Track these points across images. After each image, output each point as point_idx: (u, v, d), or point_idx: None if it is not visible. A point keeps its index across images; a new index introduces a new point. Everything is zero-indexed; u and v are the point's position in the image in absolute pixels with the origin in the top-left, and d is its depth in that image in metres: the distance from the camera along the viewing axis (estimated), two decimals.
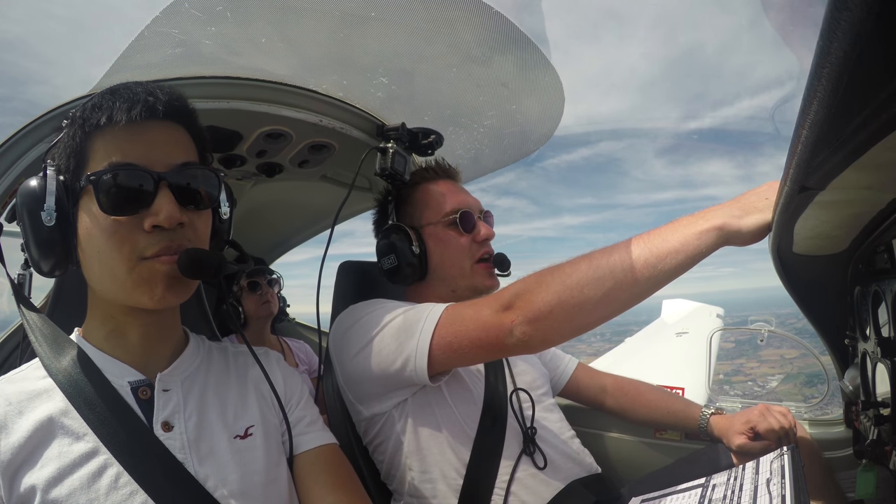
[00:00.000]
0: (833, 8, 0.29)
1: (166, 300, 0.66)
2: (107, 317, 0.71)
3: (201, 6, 0.90)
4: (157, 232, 0.64)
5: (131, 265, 0.64)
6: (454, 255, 1.17)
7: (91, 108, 0.65)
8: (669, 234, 0.77)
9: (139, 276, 0.64)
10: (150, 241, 0.64)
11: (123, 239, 0.64)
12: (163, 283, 0.65)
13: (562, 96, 1.28)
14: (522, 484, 1.04)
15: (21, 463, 0.61)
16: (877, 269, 0.81)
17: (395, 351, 0.96)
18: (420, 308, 0.99)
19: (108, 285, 0.67)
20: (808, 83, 0.37)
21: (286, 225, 2.16)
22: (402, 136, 1.25)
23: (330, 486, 0.77)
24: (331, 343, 1.12)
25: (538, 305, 0.81)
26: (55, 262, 0.67)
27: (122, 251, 0.64)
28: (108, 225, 0.63)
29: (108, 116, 0.64)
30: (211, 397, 0.75)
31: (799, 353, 17.31)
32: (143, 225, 0.64)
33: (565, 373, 1.40)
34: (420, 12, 0.99)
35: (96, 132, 0.65)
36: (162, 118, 0.67)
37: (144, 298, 0.66)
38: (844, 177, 0.48)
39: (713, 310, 4.32)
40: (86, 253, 0.66)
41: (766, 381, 16.12)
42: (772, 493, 0.70)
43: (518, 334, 0.83)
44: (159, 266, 0.65)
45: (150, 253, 0.64)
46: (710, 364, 1.97)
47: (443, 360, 0.94)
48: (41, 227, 0.64)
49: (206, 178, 0.70)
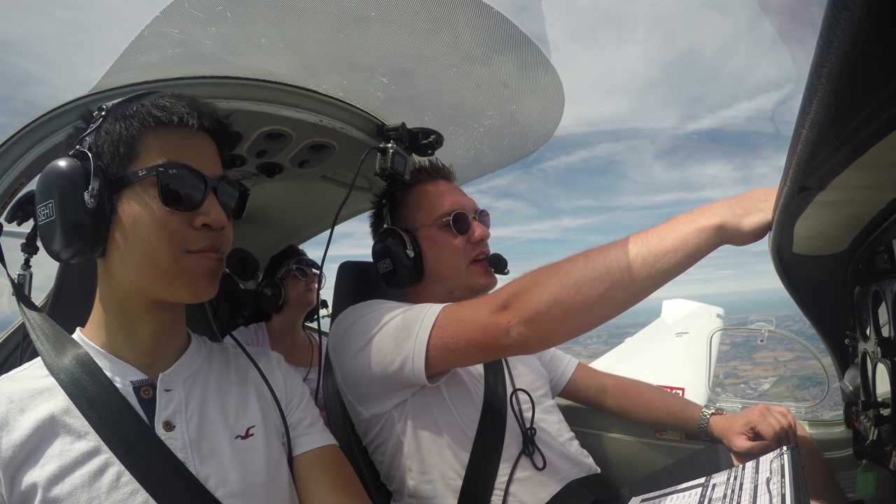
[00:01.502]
0: (833, 7, 0.29)
1: (206, 293, 0.71)
2: (120, 312, 0.71)
3: (201, 6, 0.90)
4: (204, 230, 0.69)
5: (177, 256, 0.67)
6: (449, 257, 1.17)
7: (154, 107, 0.68)
8: (668, 233, 0.76)
9: (182, 268, 0.68)
10: (198, 237, 0.69)
11: (174, 231, 0.67)
12: (206, 277, 0.70)
13: (562, 96, 1.28)
14: (521, 485, 1.04)
15: (22, 461, 0.61)
16: (877, 269, 0.81)
17: (393, 352, 0.96)
18: (417, 309, 0.99)
19: (143, 275, 0.68)
20: (808, 83, 0.37)
21: (286, 225, 2.16)
22: (402, 136, 1.25)
23: (330, 487, 0.77)
24: (330, 343, 1.12)
25: (535, 306, 0.80)
26: (81, 247, 0.66)
27: (170, 242, 0.67)
28: (163, 215, 0.66)
29: (179, 118, 0.68)
30: (212, 397, 0.75)
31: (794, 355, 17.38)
32: (193, 222, 0.68)
33: (565, 373, 1.40)
34: (420, 12, 0.99)
35: (153, 130, 0.68)
36: (209, 134, 0.74)
37: (184, 290, 0.69)
38: (844, 177, 0.48)
39: (713, 310, 4.32)
40: (126, 241, 0.67)
41: (759, 383, 16.14)
42: (772, 493, 0.70)
43: (514, 335, 0.82)
44: (205, 261, 0.70)
45: (195, 247, 0.69)
46: (711, 364, 1.97)
47: (440, 360, 0.94)
48: (78, 208, 0.64)
49: (240, 192, 0.77)
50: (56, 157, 0.68)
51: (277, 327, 2.01)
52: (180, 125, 0.69)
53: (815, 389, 1.40)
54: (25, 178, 0.96)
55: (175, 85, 1.03)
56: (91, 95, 0.97)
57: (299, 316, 2.06)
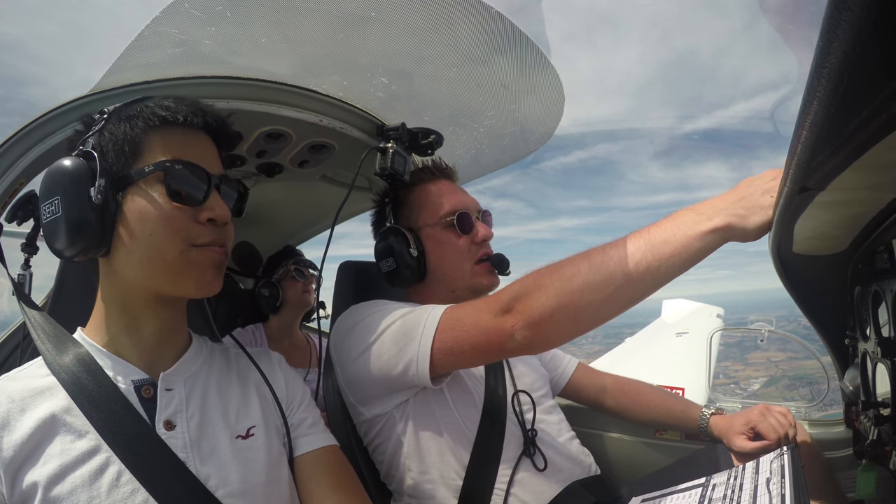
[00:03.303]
0: (833, 8, 0.29)
1: (212, 287, 0.72)
2: (123, 310, 0.72)
3: (201, 6, 0.90)
4: (209, 225, 0.71)
5: (183, 249, 0.69)
6: (453, 257, 1.17)
7: (158, 107, 0.70)
8: (671, 234, 0.76)
9: (189, 261, 0.69)
10: (203, 231, 0.70)
11: (181, 226, 0.69)
12: (212, 271, 0.71)
13: (562, 96, 1.28)
14: (522, 485, 1.04)
15: (23, 460, 0.61)
16: (877, 269, 0.81)
17: (397, 355, 0.96)
18: (419, 311, 0.99)
19: (150, 270, 0.68)
20: (808, 83, 0.37)
21: (286, 225, 2.16)
22: (402, 136, 1.25)
23: (331, 487, 0.78)
24: (332, 344, 1.12)
25: (539, 309, 0.80)
26: (86, 244, 0.67)
27: (176, 236, 0.68)
28: (169, 210, 0.68)
29: (183, 117, 0.70)
30: (213, 397, 0.75)
31: (786, 355, 17.30)
32: (198, 217, 0.70)
33: (565, 373, 1.40)
34: (420, 12, 0.98)
35: (157, 129, 0.70)
36: (210, 134, 0.76)
37: (191, 283, 0.70)
38: (844, 177, 0.48)
39: (713, 310, 4.33)
40: (132, 237, 0.68)
41: (749, 383, 16.10)
42: (772, 493, 0.70)
43: (519, 338, 0.82)
44: (210, 254, 0.71)
45: (201, 241, 0.70)
46: (711, 364, 1.97)
47: (444, 363, 0.94)
48: (84, 205, 0.65)
49: (239, 190, 0.80)
50: (56, 158, 0.69)
51: (275, 328, 2.00)
52: (184, 124, 0.71)
53: (805, 390, 1.40)
54: (25, 178, 0.96)
55: (175, 85, 1.03)
56: (91, 95, 0.97)
57: (297, 317, 2.06)
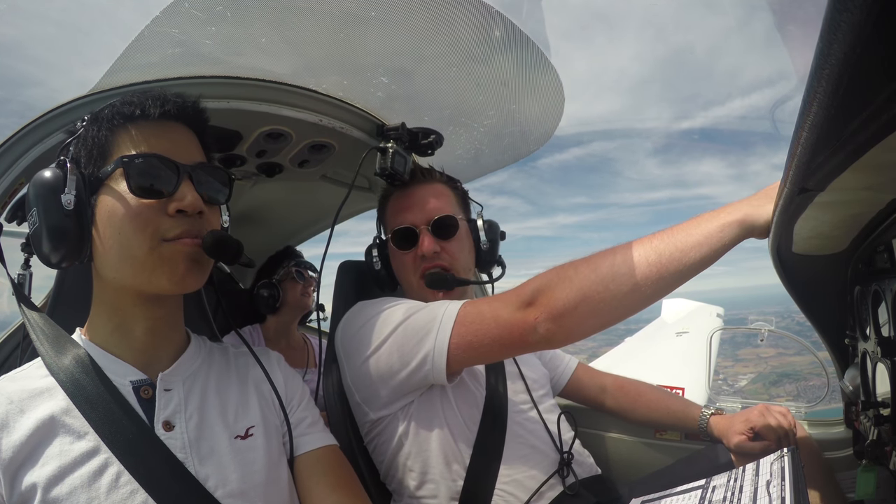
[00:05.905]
0: (833, 9, 0.29)
1: (185, 282, 0.69)
2: (114, 310, 0.71)
3: (201, 6, 0.89)
4: (179, 217, 0.68)
5: (153, 245, 0.67)
6: (400, 271, 1.21)
7: (121, 104, 0.69)
8: (693, 229, 0.78)
9: (160, 257, 0.67)
10: (173, 224, 0.68)
11: (148, 221, 0.67)
12: (184, 264, 0.68)
13: (562, 95, 1.28)
14: (523, 485, 1.04)
15: (22, 461, 0.61)
16: (877, 268, 0.81)
17: (411, 352, 0.96)
18: (434, 307, 0.99)
19: (125, 269, 0.68)
20: (808, 84, 0.37)
21: (286, 225, 2.15)
22: (402, 136, 1.26)
23: (331, 487, 0.78)
24: (338, 342, 1.12)
25: (563, 302, 0.81)
26: (67, 251, 0.67)
27: (145, 231, 0.66)
28: (135, 206, 0.66)
29: (141, 110, 0.69)
30: (212, 397, 0.75)
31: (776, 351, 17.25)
32: (168, 210, 0.68)
33: (565, 373, 1.40)
34: (420, 12, 0.98)
35: (122, 127, 0.69)
36: (183, 122, 0.73)
37: (164, 280, 0.68)
38: (844, 178, 0.48)
39: (713, 309, 4.33)
40: (104, 238, 0.67)
41: (737, 380, 16.12)
42: (771, 495, 0.70)
43: (542, 331, 0.82)
44: (181, 247, 0.68)
45: (171, 235, 0.68)
46: (711, 364, 1.97)
47: (462, 359, 0.94)
48: (58, 212, 0.65)
49: (221, 176, 0.76)
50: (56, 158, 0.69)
51: (273, 329, 2.00)
52: (143, 116, 0.69)
53: (791, 386, 1.41)
54: (25, 178, 0.96)
55: (175, 85, 1.03)
56: (90, 95, 0.97)
57: (295, 318, 2.05)
